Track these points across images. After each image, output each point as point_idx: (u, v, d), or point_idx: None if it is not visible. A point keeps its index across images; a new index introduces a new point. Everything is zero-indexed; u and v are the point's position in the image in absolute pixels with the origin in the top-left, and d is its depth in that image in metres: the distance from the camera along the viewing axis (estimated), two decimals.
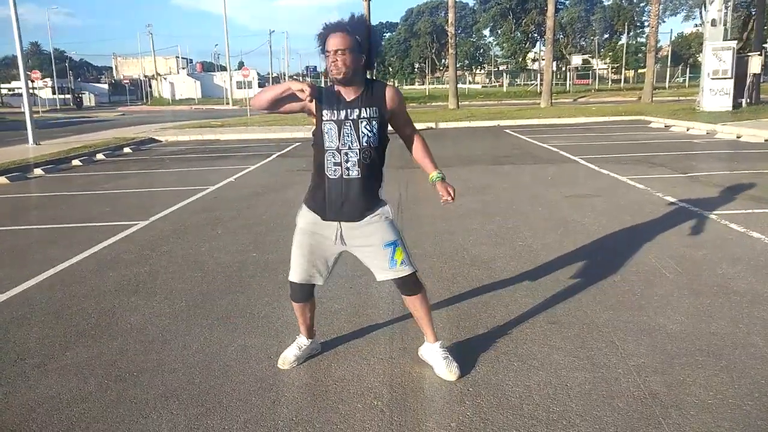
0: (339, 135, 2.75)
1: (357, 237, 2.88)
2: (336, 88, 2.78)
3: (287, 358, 3.16)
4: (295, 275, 2.99)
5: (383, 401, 2.81)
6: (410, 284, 2.96)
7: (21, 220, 7.46)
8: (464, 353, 3.22)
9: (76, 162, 13.10)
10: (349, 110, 2.75)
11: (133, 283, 4.67)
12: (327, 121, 2.76)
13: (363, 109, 2.75)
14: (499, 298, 4.09)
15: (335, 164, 2.78)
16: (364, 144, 2.76)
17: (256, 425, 2.64)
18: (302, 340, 3.22)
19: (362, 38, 2.70)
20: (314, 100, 2.75)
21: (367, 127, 2.75)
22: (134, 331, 3.71)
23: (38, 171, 11.76)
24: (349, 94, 2.77)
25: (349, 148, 2.76)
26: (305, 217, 2.93)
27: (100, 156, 14.22)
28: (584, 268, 4.68)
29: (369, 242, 2.88)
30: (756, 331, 3.42)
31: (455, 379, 2.96)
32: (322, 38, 2.72)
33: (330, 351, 3.35)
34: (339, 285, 4.27)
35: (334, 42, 2.66)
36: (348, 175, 2.78)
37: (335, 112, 2.75)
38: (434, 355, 3.07)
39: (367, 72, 2.83)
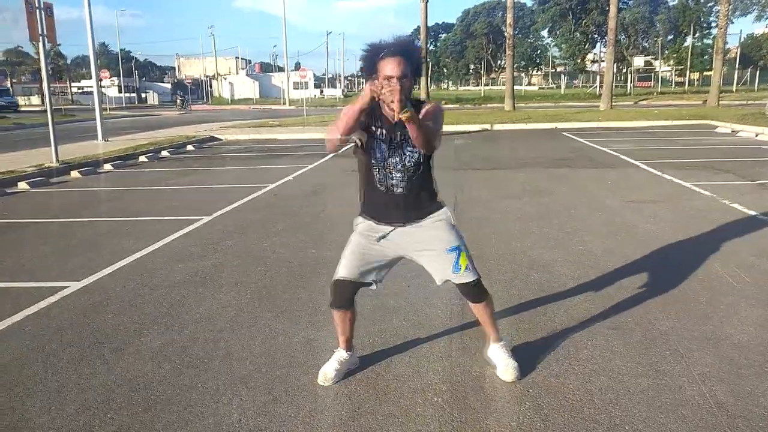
0: (384, 153, 2.76)
1: (416, 242, 2.87)
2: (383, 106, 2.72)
3: (328, 374, 3.02)
4: (344, 271, 2.91)
5: (443, 398, 2.86)
6: (476, 292, 2.94)
7: (94, 212, 7.87)
8: (524, 356, 3.24)
9: (142, 158, 13.67)
10: (394, 132, 2.73)
11: (200, 275, 4.88)
12: (375, 137, 2.77)
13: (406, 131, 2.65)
14: (559, 301, 4.07)
15: (379, 180, 2.81)
16: (408, 164, 2.76)
17: (322, 414, 2.74)
18: (341, 354, 3.10)
19: (415, 63, 2.65)
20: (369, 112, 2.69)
21: (409, 148, 2.74)
22: (203, 321, 3.89)
23: (108, 166, 12.34)
24: (395, 115, 2.62)
25: (394, 167, 2.77)
26: (361, 225, 2.96)
27: (164, 153, 14.77)
28: (646, 274, 4.60)
29: (430, 246, 2.86)
30: None
31: (511, 380, 2.99)
32: (372, 60, 2.63)
33: (389, 348, 3.42)
34: (397, 283, 4.34)
35: (392, 68, 2.57)
36: (393, 191, 2.80)
37: (382, 130, 2.75)
38: (496, 355, 3.10)
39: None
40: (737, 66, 59.50)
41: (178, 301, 4.28)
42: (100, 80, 25.37)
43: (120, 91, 60.71)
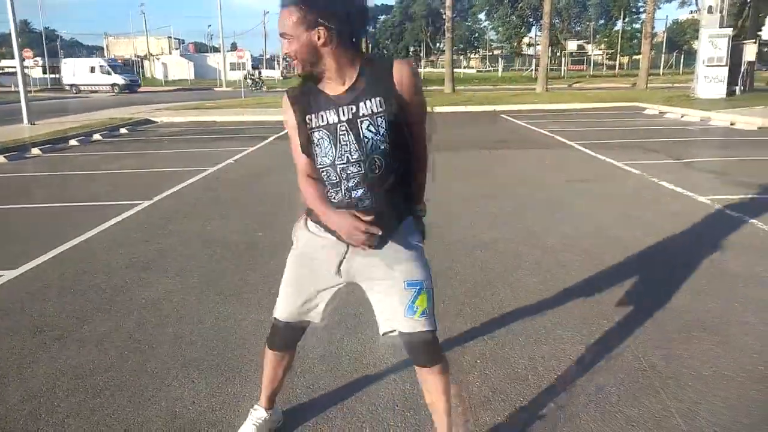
0: (334, 145, 1.92)
1: (372, 266, 2.05)
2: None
3: None
4: (283, 311, 2.22)
5: (396, 373, 2.93)
6: (426, 349, 2.08)
7: (24, 199, 7.51)
8: (471, 330, 3.36)
9: (73, 142, 13.09)
10: (340, 109, 1.90)
11: (143, 260, 4.77)
12: (315, 128, 1.94)
13: (361, 104, 1.89)
14: (503, 277, 4.22)
15: (333, 186, 1.97)
16: (369, 151, 1.90)
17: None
18: (260, 413, 2.42)
19: (326, 7, 1.81)
20: (294, 106, 1.99)
21: (371, 127, 1.89)
22: (149, 306, 3.82)
23: (36, 151, 11.74)
24: (335, 85, 1.91)
25: (348, 161, 1.91)
26: (306, 235, 2.16)
27: (96, 136, 14.18)
28: (584, 248, 4.81)
29: (387, 274, 2.04)
30: (750, 310, 3.58)
31: None
32: None
33: (341, 326, 3.46)
34: None
35: (280, 23, 1.86)
36: (350, 197, 1.94)
37: (323, 114, 1.92)
38: None
39: (358, 47, 1.93)
40: (664, 50, 62.14)
41: (121, 286, 4.18)
42: (23, 59, 23.99)
43: (44, 72, 57.52)
